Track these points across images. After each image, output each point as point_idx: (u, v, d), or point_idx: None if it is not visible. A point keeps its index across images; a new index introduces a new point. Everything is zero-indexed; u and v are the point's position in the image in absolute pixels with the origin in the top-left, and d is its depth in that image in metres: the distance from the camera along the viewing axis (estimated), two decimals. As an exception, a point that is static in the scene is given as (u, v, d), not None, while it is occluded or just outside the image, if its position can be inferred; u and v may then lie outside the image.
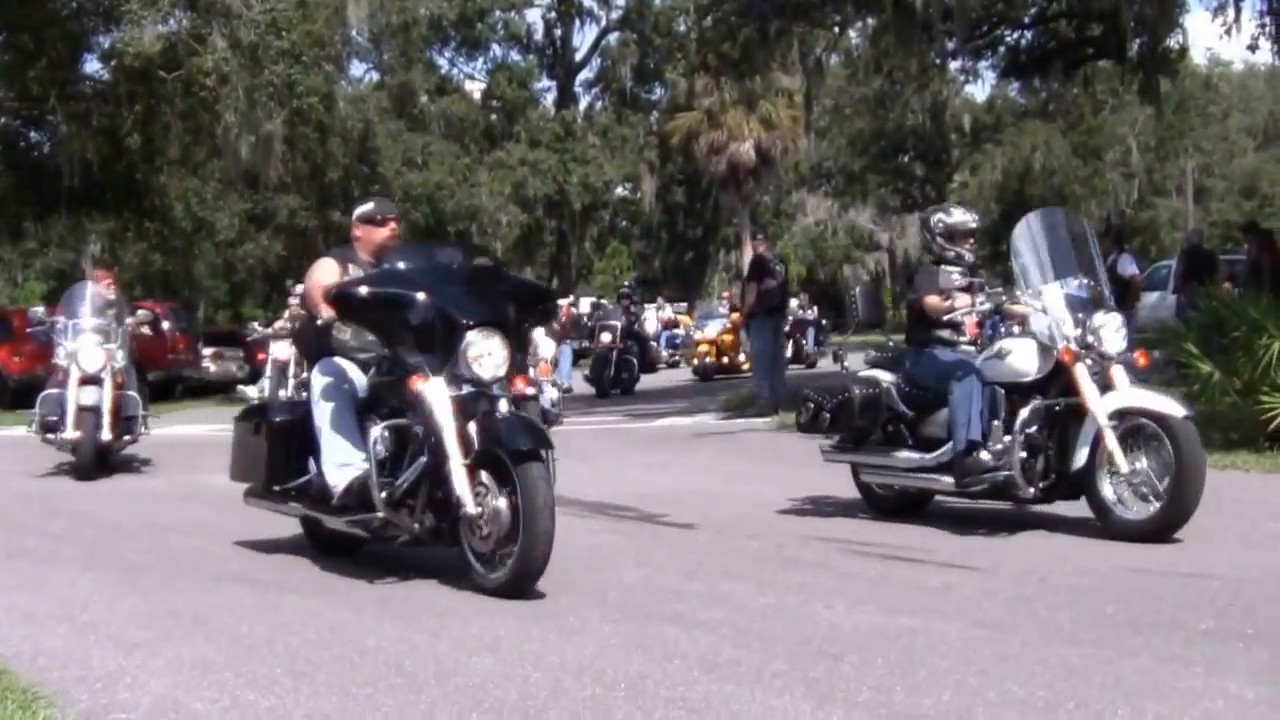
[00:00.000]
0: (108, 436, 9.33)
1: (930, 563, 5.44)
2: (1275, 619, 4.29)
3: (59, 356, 9.56)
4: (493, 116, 43.26)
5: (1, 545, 6.40)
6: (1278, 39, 16.82)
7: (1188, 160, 45.52)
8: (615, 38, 44.55)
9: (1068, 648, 3.91)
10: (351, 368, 5.48)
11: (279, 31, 20.87)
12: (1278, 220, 34.17)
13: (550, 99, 45.65)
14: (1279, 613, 4.37)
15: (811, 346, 25.16)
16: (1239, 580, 4.93)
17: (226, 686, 3.63)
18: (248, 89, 20.73)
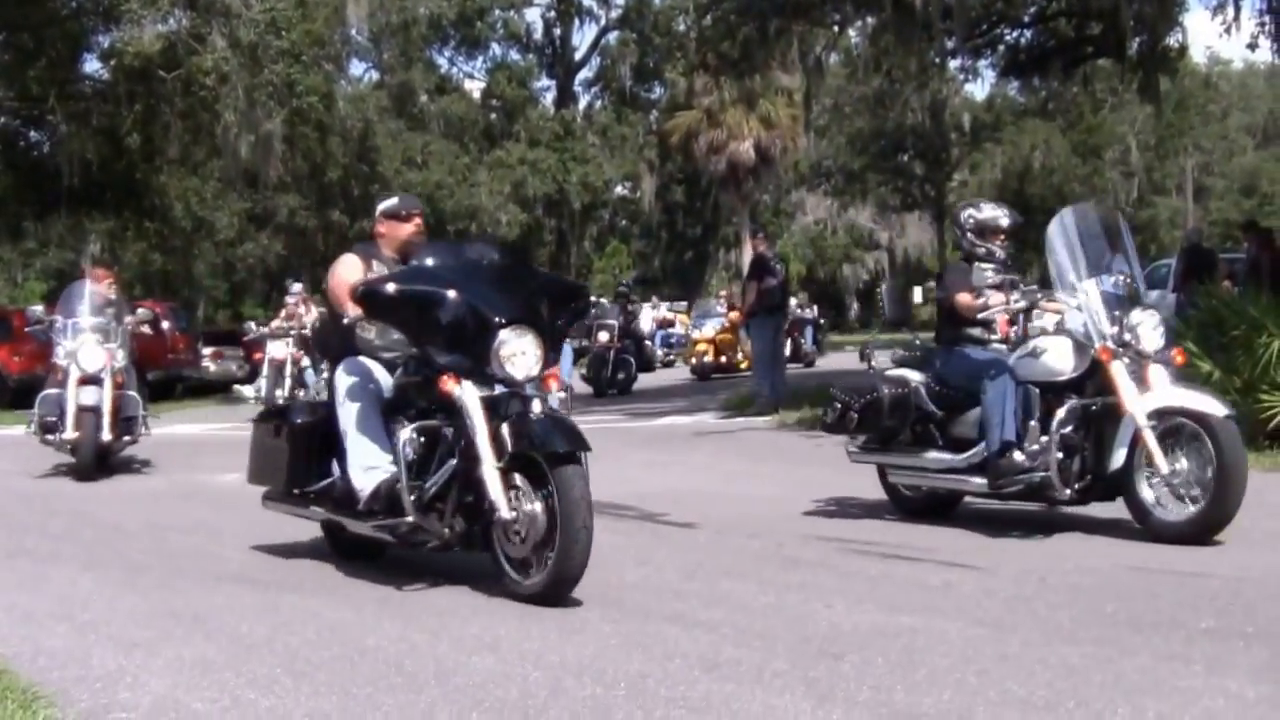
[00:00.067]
0: (108, 437, 9.23)
1: (930, 561, 5.44)
2: (1276, 617, 4.29)
3: (58, 356, 9.41)
4: (492, 116, 43.28)
5: (1, 545, 6.40)
6: (1277, 37, 16.79)
7: (1187, 159, 45.55)
8: (615, 37, 44.60)
9: (1068, 646, 3.91)
10: (377, 367, 5.32)
11: (279, 31, 20.88)
12: (1277, 219, 34.20)
13: (550, 98, 45.73)
14: (1279, 611, 4.38)
15: (810, 346, 25.16)
16: (1239, 579, 4.93)
17: (227, 686, 3.63)
18: (247, 88, 20.73)
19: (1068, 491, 5.91)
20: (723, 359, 22.31)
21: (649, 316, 26.76)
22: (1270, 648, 3.88)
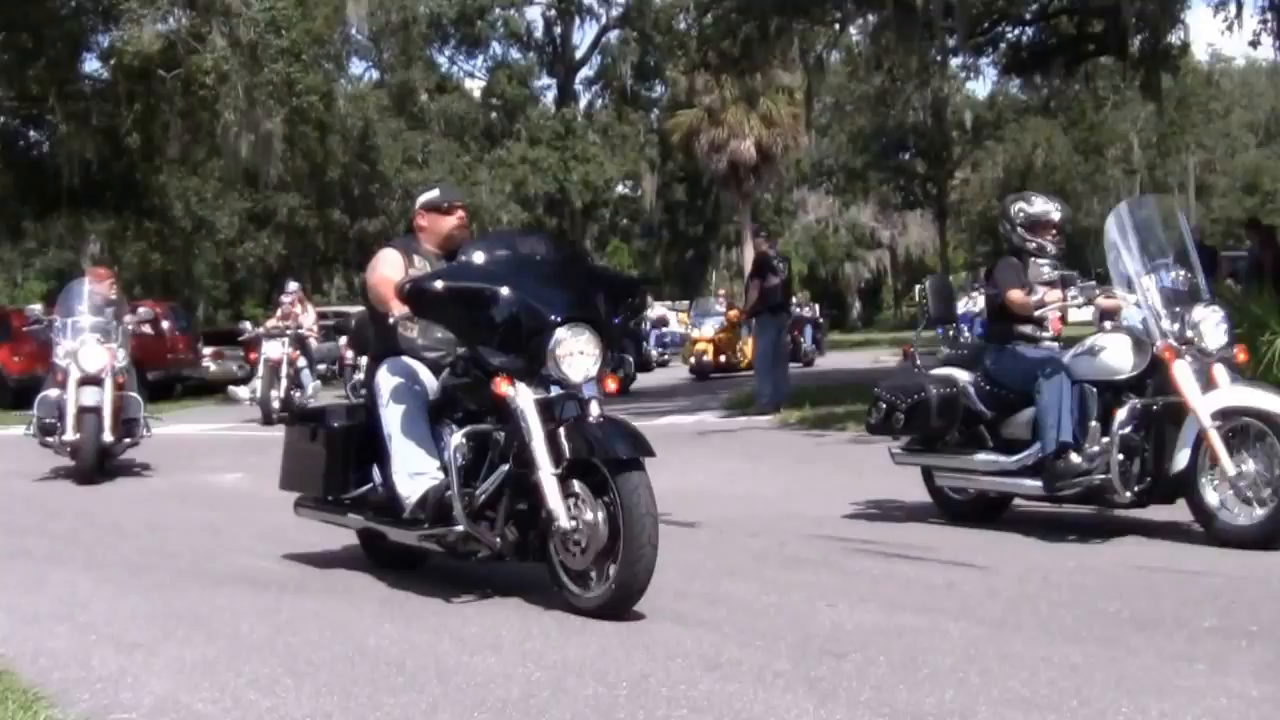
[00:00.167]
0: (109, 438, 9.09)
1: (933, 561, 5.43)
2: (1278, 616, 4.28)
3: (58, 356, 9.26)
4: (493, 115, 43.29)
5: (2, 546, 6.39)
6: (1279, 35, 16.79)
7: (1189, 157, 45.52)
8: (615, 35, 44.61)
9: (1071, 646, 3.90)
10: (421, 368, 5.05)
11: (278, 30, 20.89)
12: (1279, 216, 34.15)
13: (550, 97, 45.74)
14: (1283, 610, 4.37)
15: (810, 345, 25.13)
16: (1242, 578, 4.92)
17: (228, 687, 3.62)
18: (247, 87, 20.74)
19: (1128, 494, 5.70)
20: (722, 358, 22.28)
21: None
22: (1273, 646, 3.87)
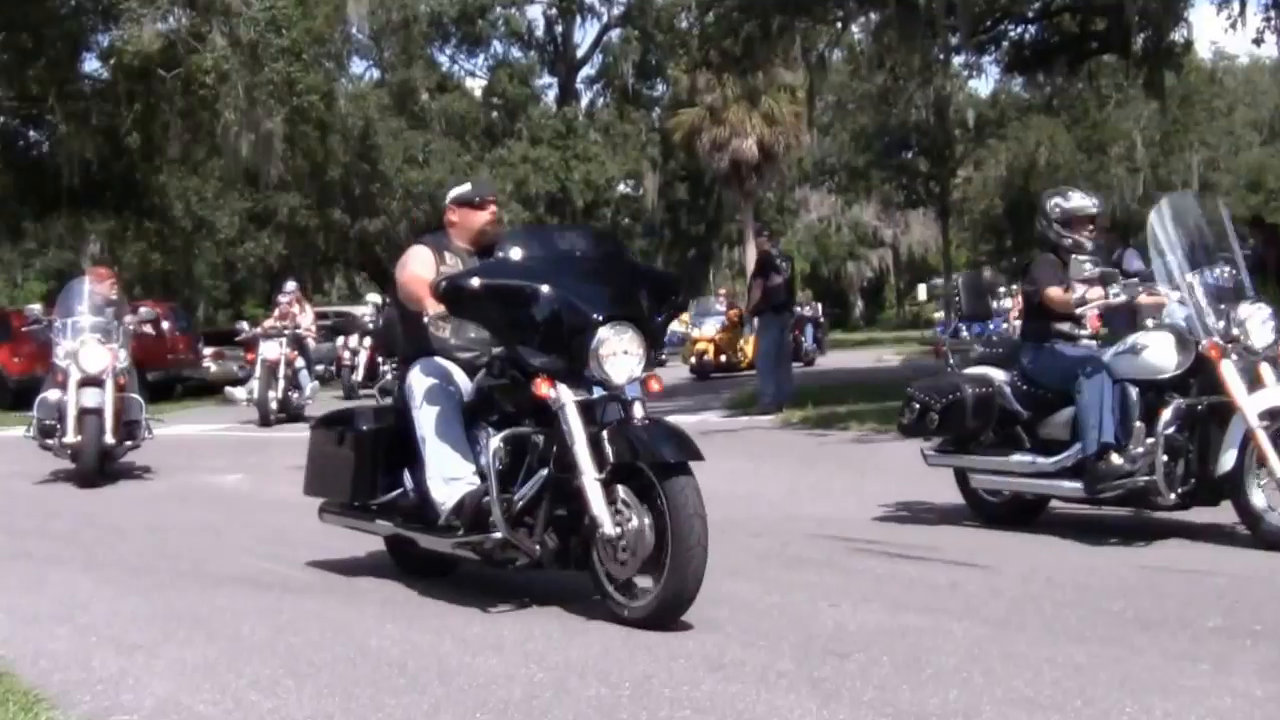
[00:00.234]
0: (110, 441, 8.96)
1: (936, 561, 5.41)
2: (1284, 616, 4.27)
3: (58, 357, 9.11)
4: (494, 114, 43.26)
5: (2, 547, 6.39)
6: (1282, 32, 16.75)
7: (1193, 155, 45.41)
8: (617, 34, 44.57)
9: (1074, 646, 3.89)
10: (455, 369, 4.88)
11: (279, 29, 20.88)
12: (1282, 214, 34.11)
13: (552, 96, 45.70)
14: (1287, 609, 4.36)
15: (810, 344, 25.11)
16: (1246, 577, 4.91)
17: (229, 688, 3.61)
18: (247, 87, 20.73)
19: (1172, 496, 5.59)
20: (723, 358, 22.26)
21: None
22: (1278, 646, 3.86)
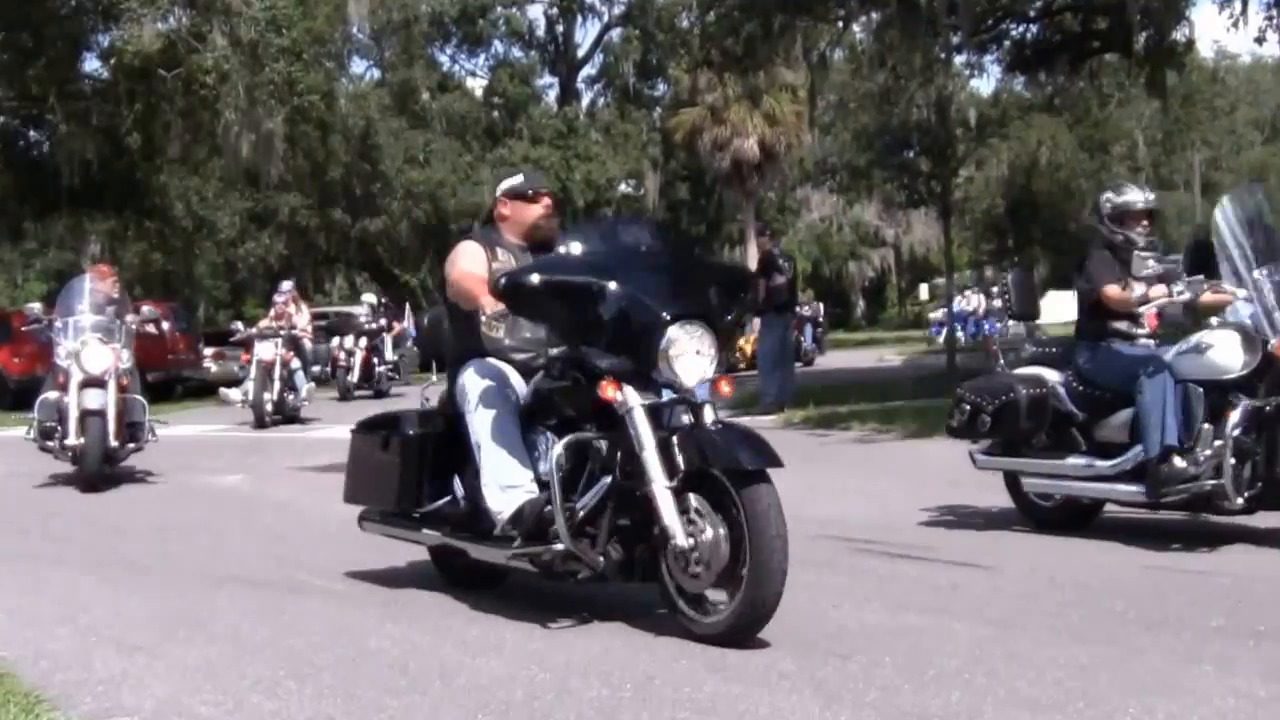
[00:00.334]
0: (113, 443, 8.78)
1: (938, 561, 5.41)
2: (1287, 616, 4.26)
3: (59, 357, 8.91)
4: (495, 113, 43.25)
5: (3, 547, 6.39)
6: (1284, 31, 16.74)
7: (1195, 154, 45.43)
8: (618, 33, 44.55)
9: (1077, 646, 3.88)
10: (511, 371, 4.66)
11: (279, 29, 20.87)
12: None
13: (552, 96, 45.68)
14: (1290, 609, 4.35)
15: (810, 344, 25.08)
16: (1249, 577, 4.91)
17: (230, 689, 3.61)
18: (248, 87, 20.73)
19: (1239, 500, 5.43)
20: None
21: None
22: (1282, 647, 3.85)
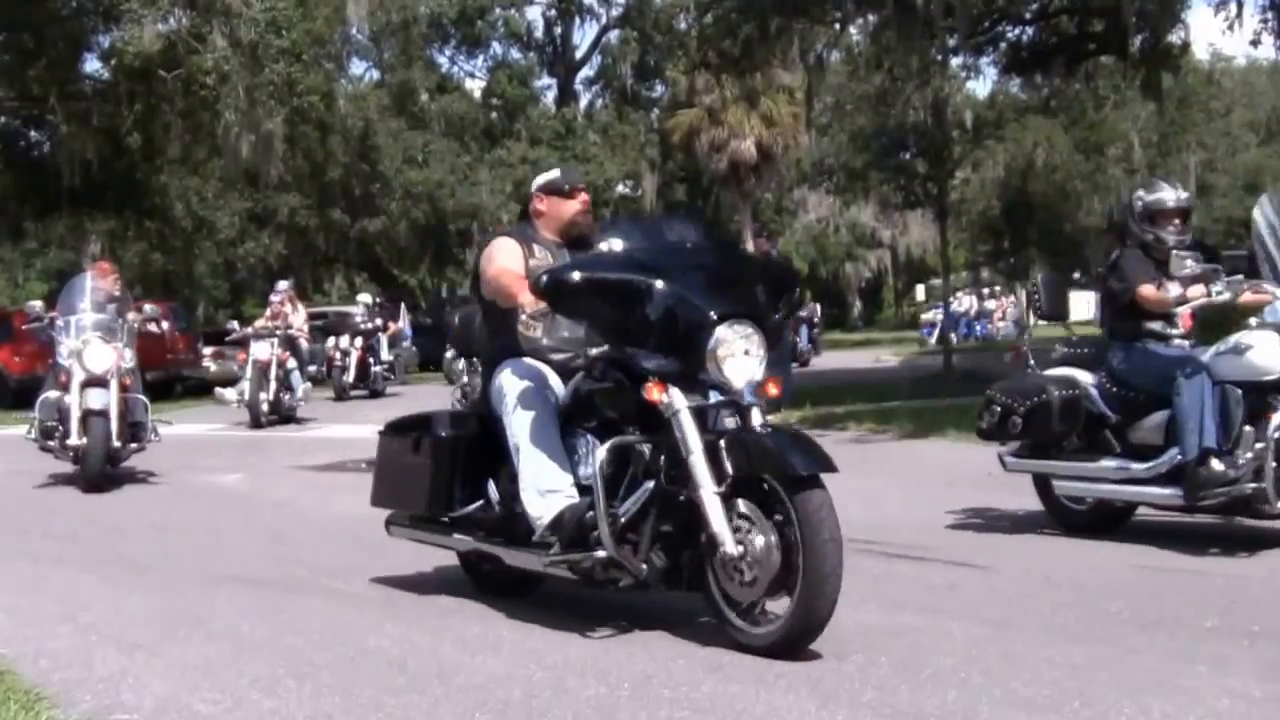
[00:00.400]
0: (115, 444, 8.68)
1: (935, 561, 5.42)
2: (1281, 616, 4.28)
3: (61, 356, 8.80)
4: (493, 114, 43.24)
5: (3, 546, 6.40)
6: (1279, 34, 16.76)
7: (1190, 156, 45.41)
8: (616, 35, 44.55)
9: (1073, 646, 3.90)
10: (549, 372, 4.52)
11: (279, 30, 20.87)
12: None
13: (551, 97, 45.68)
14: (1284, 610, 4.37)
15: (805, 344, 25.07)
16: (1244, 577, 4.93)
17: (229, 687, 3.62)
18: (248, 88, 20.73)
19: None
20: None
21: None
22: (1275, 646, 3.87)
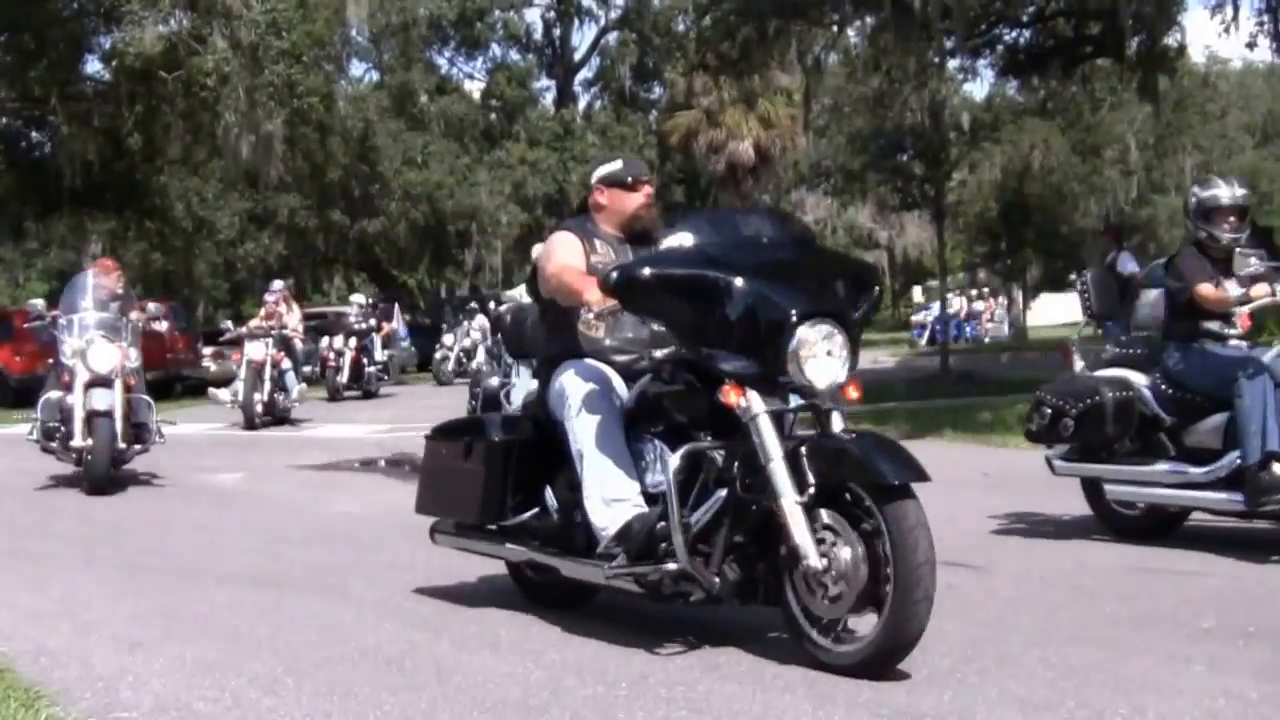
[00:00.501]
0: (120, 445, 8.51)
1: (931, 561, 5.43)
2: (1276, 616, 4.29)
3: (64, 355, 8.61)
4: (492, 116, 43.22)
5: (3, 545, 6.41)
6: (1276, 36, 16.79)
7: (1186, 158, 45.44)
8: (614, 37, 44.54)
9: (1069, 646, 3.91)
10: (613, 374, 4.29)
11: (279, 32, 20.87)
12: (1276, 218, 34.18)
13: (549, 98, 45.66)
14: None
15: None
16: (1240, 578, 4.94)
17: (228, 686, 3.63)
18: (248, 89, 20.73)
19: None
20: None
21: None
22: (1271, 647, 3.88)
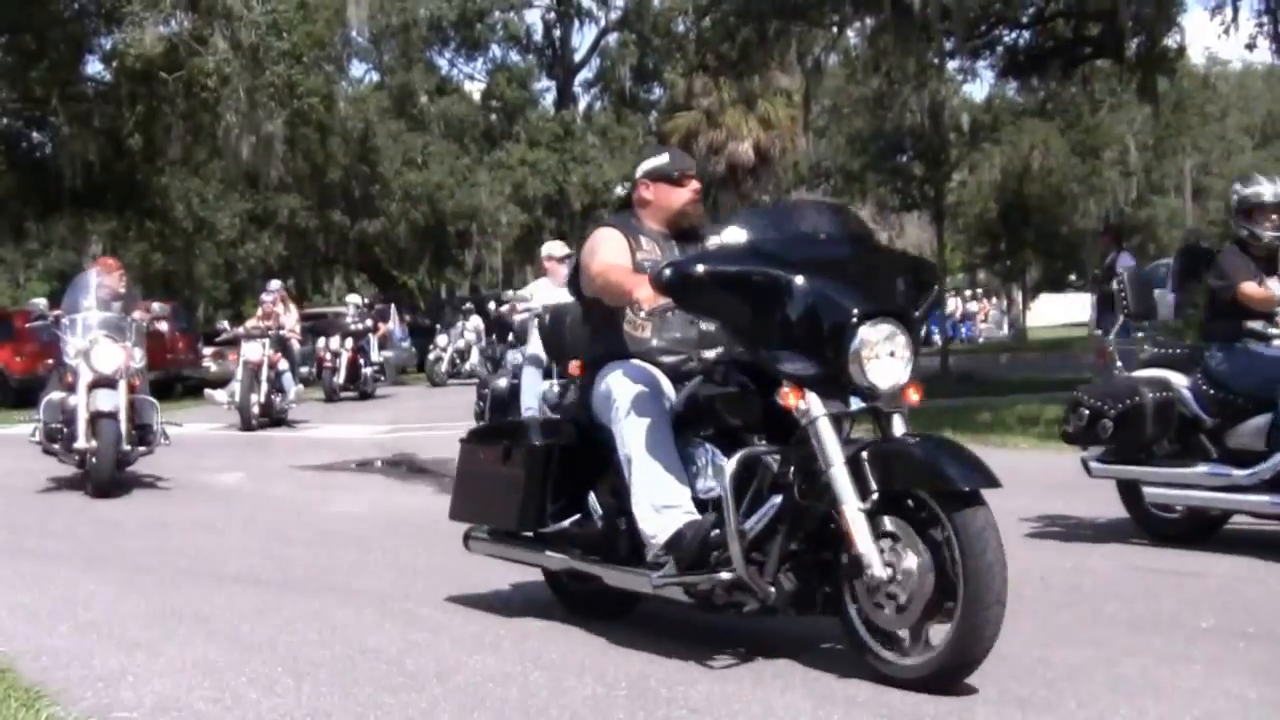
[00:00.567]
0: (125, 446, 8.39)
1: (931, 562, 5.43)
2: (1276, 617, 4.30)
3: (67, 355, 8.48)
4: (492, 117, 43.24)
5: (3, 544, 6.42)
6: (1276, 38, 16.81)
7: (1186, 159, 45.48)
8: (614, 38, 44.56)
9: (1069, 647, 3.92)
10: (661, 376, 4.14)
11: (280, 33, 20.90)
12: (1277, 219, 34.14)
13: (550, 99, 45.69)
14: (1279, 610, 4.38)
15: None
16: (1239, 578, 4.94)
17: (228, 686, 3.64)
18: (249, 90, 20.76)
19: None
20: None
21: None
22: (1271, 648, 3.89)
